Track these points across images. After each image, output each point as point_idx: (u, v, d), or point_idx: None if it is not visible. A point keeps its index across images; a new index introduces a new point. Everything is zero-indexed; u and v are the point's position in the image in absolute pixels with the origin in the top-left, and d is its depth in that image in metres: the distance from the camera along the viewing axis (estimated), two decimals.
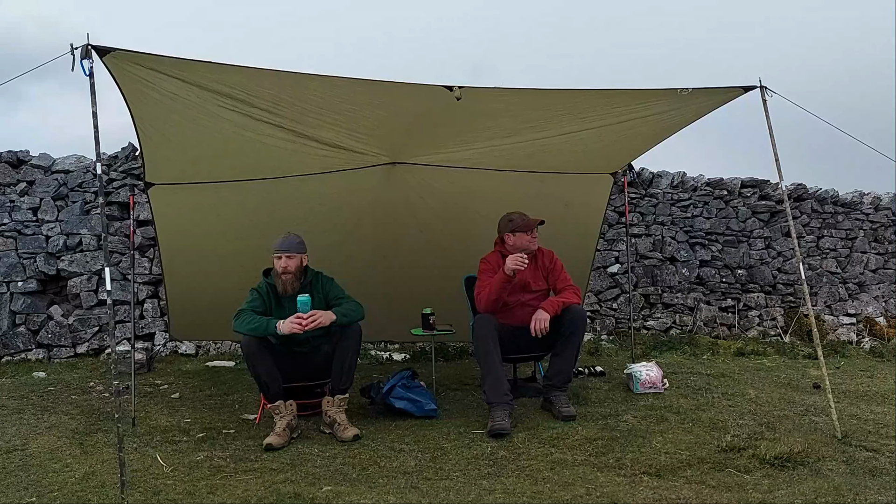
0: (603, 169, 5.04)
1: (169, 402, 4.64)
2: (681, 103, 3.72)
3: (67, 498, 2.90)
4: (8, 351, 6.13)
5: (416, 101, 3.59)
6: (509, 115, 3.87)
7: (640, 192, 7.37)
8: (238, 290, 4.00)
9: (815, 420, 3.91)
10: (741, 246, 7.58)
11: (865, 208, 8.14)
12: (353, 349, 3.86)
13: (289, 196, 4.59)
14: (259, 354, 3.72)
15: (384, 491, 2.91)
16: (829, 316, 7.78)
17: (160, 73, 3.07)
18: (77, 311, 6.29)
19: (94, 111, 2.78)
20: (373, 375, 5.09)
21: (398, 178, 4.68)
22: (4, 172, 6.35)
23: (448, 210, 4.99)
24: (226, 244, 4.74)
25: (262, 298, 3.92)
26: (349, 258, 4.87)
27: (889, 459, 3.23)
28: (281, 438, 3.56)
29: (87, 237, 6.32)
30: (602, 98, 3.69)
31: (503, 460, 3.28)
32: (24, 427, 4.00)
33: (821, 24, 24.92)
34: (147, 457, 3.41)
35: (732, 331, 7.37)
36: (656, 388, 4.52)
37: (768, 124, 3.57)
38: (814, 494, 2.79)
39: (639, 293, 7.25)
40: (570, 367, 4.14)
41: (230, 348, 6.27)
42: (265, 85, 3.30)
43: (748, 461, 3.18)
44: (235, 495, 2.88)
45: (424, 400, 4.07)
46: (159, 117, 3.53)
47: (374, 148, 4.22)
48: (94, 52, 2.75)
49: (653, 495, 2.81)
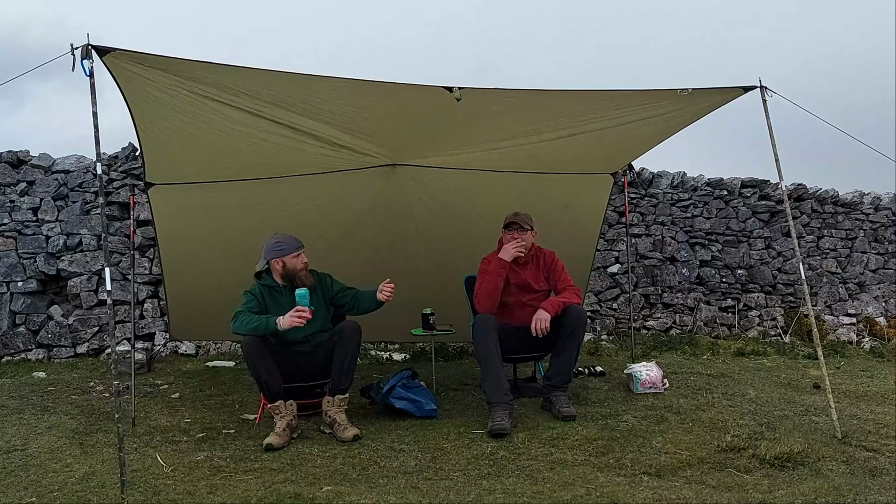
0: (603, 169, 5.04)
1: (169, 402, 4.64)
2: (681, 104, 3.72)
3: (67, 498, 2.91)
4: (8, 351, 6.13)
5: (416, 102, 3.59)
6: (509, 115, 3.87)
7: (640, 192, 7.37)
8: (238, 291, 4.00)
9: (815, 420, 3.91)
10: (741, 246, 7.58)
11: (865, 208, 8.14)
12: (352, 349, 3.87)
13: (289, 196, 4.59)
14: (259, 354, 3.72)
15: (384, 491, 2.91)
16: (829, 316, 7.78)
17: (160, 74, 3.07)
18: (77, 311, 6.30)
19: (94, 111, 2.78)
20: (373, 375, 5.09)
21: (398, 179, 4.68)
22: (4, 172, 6.35)
23: (448, 211, 4.99)
24: (226, 244, 4.74)
25: (257, 300, 3.92)
26: (349, 259, 4.87)
27: (889, 459, 3.23)
28: (281, 438, 3.56)
29: (87, 237, 6.32)
30: (602, 99, 3.69)
31: (503, 460, 3.28)
32: (24, 427, 4.00)
33: (821, 24, 24.92)
34: (147, 457, 3.41)
35: (732, 331, 7.37)
36: (656, 388, 4.52)
37: (768, 124, 3.57)
38: (814, 494, 2.79)
39: (639, 293, 7.25)
40: (570, 367, 4.14)
41: (230, 348, 6.27)
42: (265, 85, 3.30)
43: (748, 461, 3.18)
44: (235, 495, 2.88)
45: (424, 400, 4.07)
46: (159, 117, 3.53)
47: (374, 149, 4.22)
48: (95, 52, 2.75)
49: (653, 495, 2.81)
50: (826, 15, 25.61)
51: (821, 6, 26.08)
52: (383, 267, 5.16)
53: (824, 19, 25.34)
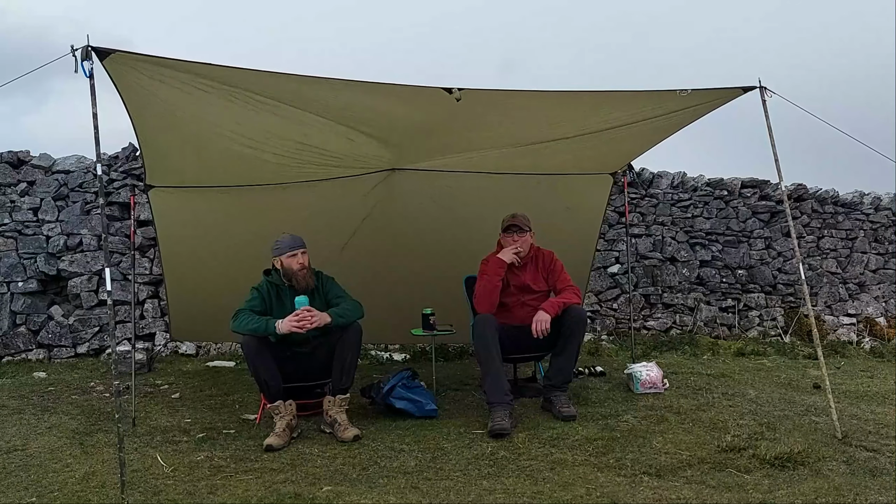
0: (603, 169, 5.04)
1: (169, 402, 4.64)
2: (680, 104, 3.72)
3: (67, 498, 2.91)
4: (8, 351, 6.14)
5: (415, 103, 3.58)
6: (509, 116, 3.86)
7: (640, 193, 7.37)
8: (238, 291, 4.00)
9: (815, 420, 3.91)
10: (741, 246, 7.58)
11: (865, 208, 8.14)
12: (353, 349, 3.87)
13: (289, 202, 4.59)
14: (259, 354, 3.72)
15: (384, 491, 2.91)
16: (829, 316, 7.78)
17: (160, 75, 3.06)
18: (77, 311, 6.30)
19: (94, 112, 2.78)
20: (373, 375, 5.08)
21: (398, 182, 4.68)
22: (5, 172, 6.35)
23: (449, 213, 4.99)
24: (226, 246, 4.74)
25: (263, 298, 3.93)
26: (349, 263, 4.86)
27: (889, 459, 3.23)
28: (281, 439, 3.56)
29: (87, 237, 6.32)
30: (602, 99, 3.68)
31: (503, 460, 3.28)
32: (24, 427, 4.01)
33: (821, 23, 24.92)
34: (147, 457, 3.41)
35: (732, 331, 7.37)
36: (656, 389, 4.52)
37: (768, 125, 3.57)
38: (814, 494, 2.79)
39: (639, 293, 7.25)
40: (570, 368, 4.14)
41: (230, 348, 6.27)
42: (265, 87, 3.29)
43: (748, 461, 3.18)
44: (235, 495, 2.88)
45: (424, 400, 4.07)
46: (159, 120, 3.52)
47: (373, 151, 4.22)
48: (94, 54, 2.75)
49: (653, 495, 2.81)
50: (826, 15, 25.62)
51: (821, 6, 26.09)
52: (384, 271, 5.18)
53: (824, 19, 25.35)
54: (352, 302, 3.97)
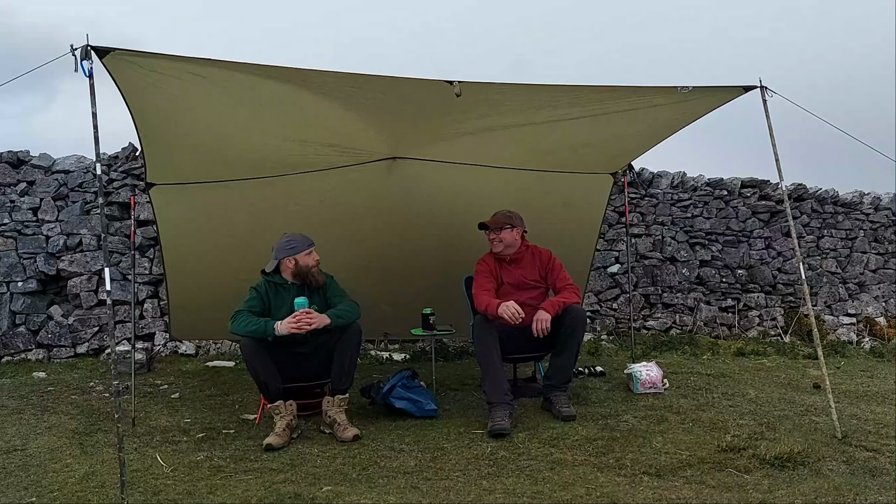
0: (603, 169, 5.04)
1: (169, 402, 4.64)
2: (681, 102, 3.71)
3: (67, 498, 2.91)
4: (8, 351, 6.13)
5: (416, 95, 3.58)
6: (509, 110, 3.86)
7: (640, 192, 7.36)
8: (239, 290, 4.00)
9: (815, 420, 3.91)
10: (741, 246, 7.57)
11: (865, 208, 8.14)
12: (352, 349, 3.87)
13: (289, 194, 4.59)
14: (258, 355, 3.72)
15: (384, 491, 2.91)
16: (829, 316, 7.77)
17: (159, 72, 3.06)
18: (77, 311, 6.29)
19: (93, 111, 2.78)
20: (373, 375, 5.09)
21: (398, 173, 4.64)
22: (5, 172, 6.35)
23: (448, 210, 4.98)
24: (227, 244, 4.73)
25: (261, 298, 3.92)
26: (349, 257, 4.86)
27: (889, 459, 3.23)
28: (281, 438, 3.56)
29: (87, 237, 6.31)
30: (602, 93, 3.68)
31: (503, 460, 3.28)
32: (24, 427, 4.00)
33: (821, 24, 24.92)
34: (147, 457, 3.41)
35: (732, 331, 7.37)
36: (656, 388, 4.52)
37: (768, 124, 3.57)
38: (814, 494, 2.79)
39: (639, 293, 7.25)
40: (570, 367, 4.14)
41: (230, 348, 6.27)
42: (265, 81, 3.29)
43: (748, 461, 3.18)
44: (235, 495, 2.88)
45: (424, 400, 4.07)
46: (159, 117, 3.53)
47: (373, 142, 4.21)
48: (94, 53, 2.75)
49: (653, 495, 2.81)
50: (826, 14, 25.62)
51: (821, 6, 26.09)
52: (383, 266, 5.18)
53: (824, 19, 25.35)
54: (350, 303, 3.97)
